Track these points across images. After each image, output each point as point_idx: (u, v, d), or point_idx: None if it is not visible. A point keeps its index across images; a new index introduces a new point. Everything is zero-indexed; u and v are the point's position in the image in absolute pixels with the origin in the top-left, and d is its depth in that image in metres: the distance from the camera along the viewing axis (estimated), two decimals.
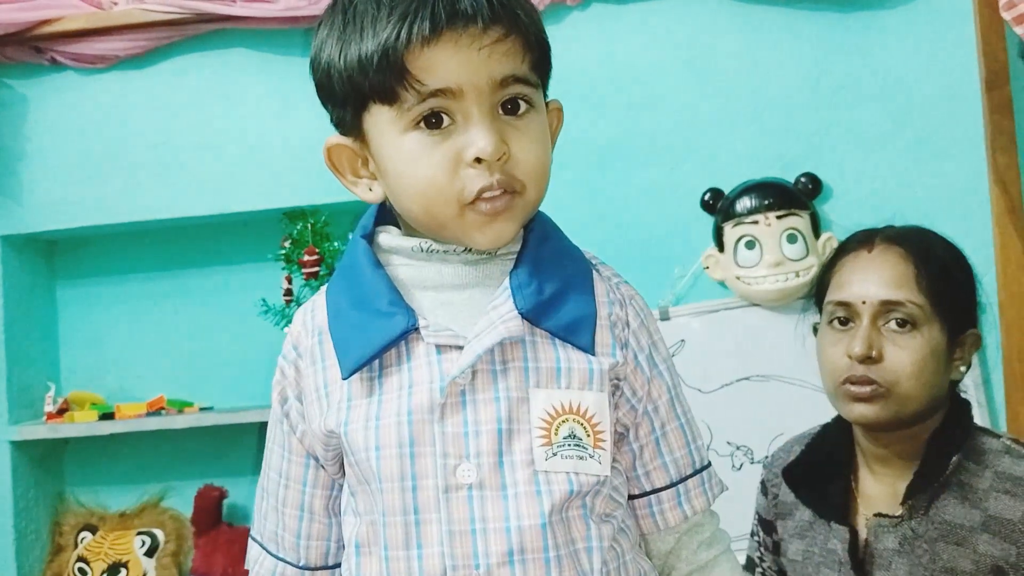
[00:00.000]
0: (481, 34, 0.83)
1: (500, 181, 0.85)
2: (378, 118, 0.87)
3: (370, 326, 0.89)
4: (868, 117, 1.99)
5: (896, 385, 1.25)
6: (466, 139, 0.85)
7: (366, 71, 0.84)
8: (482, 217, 0.86)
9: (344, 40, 0.86)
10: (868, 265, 1.30)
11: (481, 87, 0.84)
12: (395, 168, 0.87)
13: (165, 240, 2.32)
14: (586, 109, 2.08)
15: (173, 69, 2.20)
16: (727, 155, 2.03)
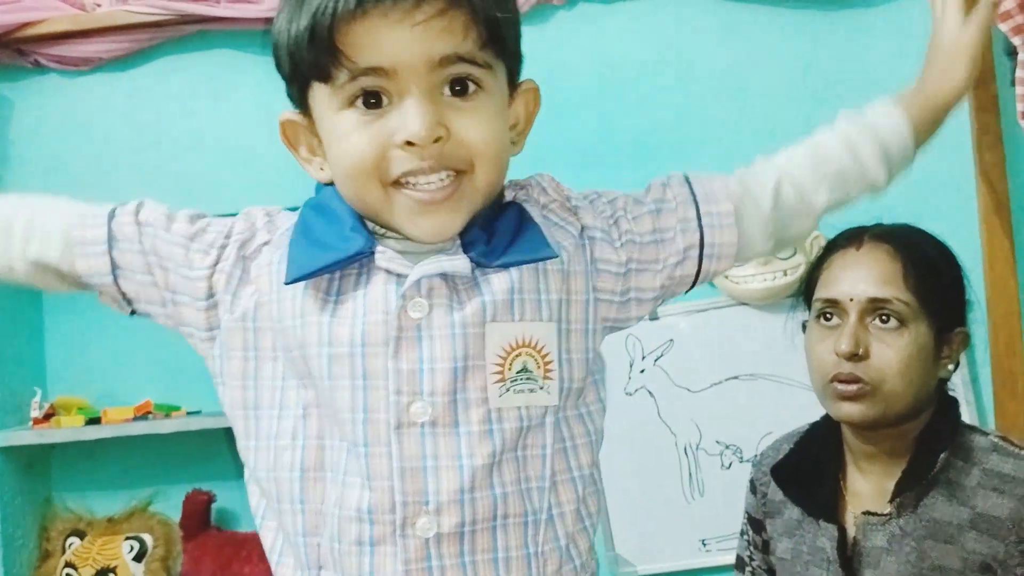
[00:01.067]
0: (413, 9, 0.80)
1: (435, 165, 0.83)
2: (319, 96, 0.86)
3: (328, 243, 0.87)
4: None
5: (883, 383, 1.25)
6: (398, 120, 0.82)
7: (301, 47, 0.83)
8: (413, 204, 0.85)
9: (289, 16, 0.84)
10: (856, 262, 1.30)
11: (415, 66, 0.81)
12: (330, 143, 0.87)
13: None
14: (573, 108, 2.08)
15: (157, 70, 2.19)
16: (713, 155, 2.03)
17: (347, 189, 0.87)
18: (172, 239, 0.95)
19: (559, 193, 0.99)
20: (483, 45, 0.84)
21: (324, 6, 0.79)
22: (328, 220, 0.89)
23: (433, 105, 0.82)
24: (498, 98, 0.88)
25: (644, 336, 2.03)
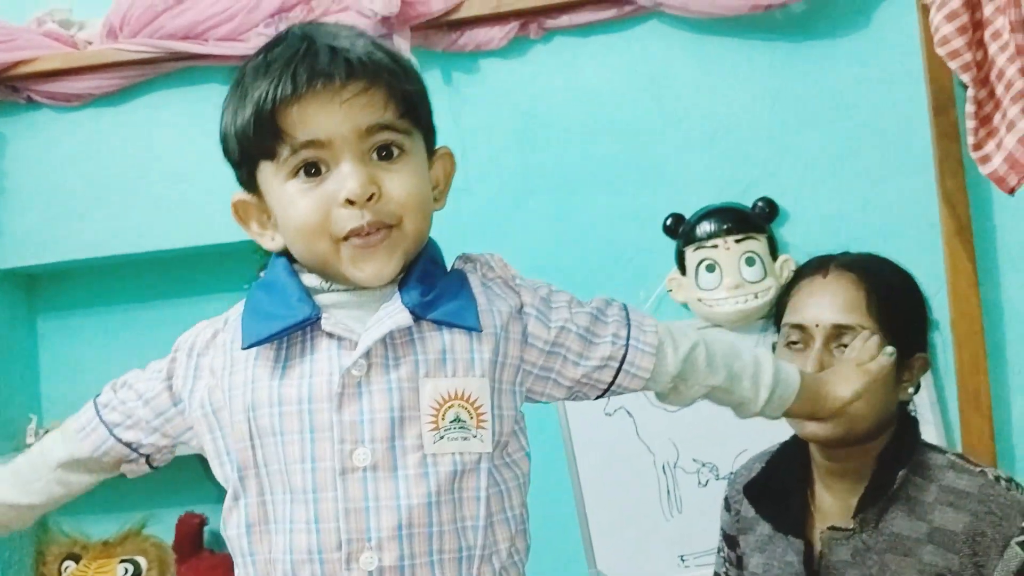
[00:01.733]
0: (341, 89, 0.93)
1: (372, 222, 0.95)
2: (266, 173, 0.98)
3: (277, 314, 0.99)
4: (821, 143, 2.06)
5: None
6: (337, 183, 0.94)
7: (248, 133, 0.96)
8: (358, 251, 0.96)
9: (235, 109, 0.98)
10: (822, 290, 1.36)
11: (347, 136, 0.94)
12: (281, 214, 0.99)
13: (142, 272, 2.37)
14: (551, 138, 2.14)
15: (147, 105, 2.25)
16: (687, 181, 2.10)
17: (299, 247, 0.99)
18: (143, 376, 1.12)
19: (504, 272, 1.10)
20: (401, 115, 0.97)
21: (264, 94, 0.93)
22: (275, 294, 1.01)
23: (365, 168, 0.95)
24: (419, 160, 1.00)
25: None
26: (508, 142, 2.16)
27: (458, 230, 2.15)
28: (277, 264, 1.04)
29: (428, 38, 2.13)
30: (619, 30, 2.12)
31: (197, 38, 2.14)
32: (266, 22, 2.10)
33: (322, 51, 0.94)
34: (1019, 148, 1.46)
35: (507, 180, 2.16)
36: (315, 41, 0.95)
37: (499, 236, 2.15)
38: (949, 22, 1.52)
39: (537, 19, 2.11)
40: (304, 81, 0.92)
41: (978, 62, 1.53)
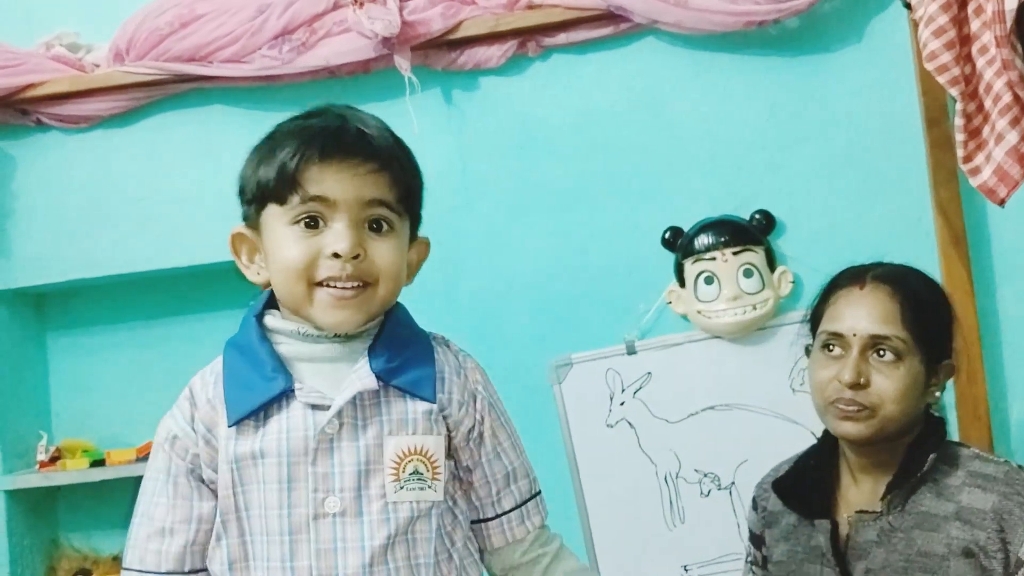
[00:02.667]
0: (357, 165, 1.10)
1: (351, 275, 1.09)
2: (272, 214, 1.12)
3: (255, 387, 1.13)
4: (817, 155, 2.09)
5: (881, 408, 1.39)
6: (331, 238, 1.09)
7: (269, 177, 1.11)
8: (330, 299, 1.10)
9: (261, 156, 1.14)
10: (859, 301, 1.44)
11: (350, 201, 1.09)
12: (273, 251, 1.12)
13: (150, 290, 2.40)
14: (549, 154, 2.18)
15: (154, 126, 2.29)
16: (685, 195, 2.13)
17: (281, 285, 1.13)
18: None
19: (472, 375, 1.25)
20: (399, 199, 1.13)
21: (294, 151, 1.09)
22: (251, 363, 1.15)
23: (358, 232, 1.10)
24: (403, 239, 1.16)
25: (623, 370, 2.11)
26: (507, 158, 2.19)
27: (457, 245, 2.19)
28: (249, 327, 1.18)
29: (428, 57, 2.17)
30: (616, 47, 2.16)
31: (202, 60, 2.18)
32: (269, 44, 2.14)
33: (352, 131, 1.11)
34: (1007, 160, 1.49)
35: (506, 195, 2.19)
36: (347, 121, 1.12)
37: (498, 251, 2.18)
38: (937, 38, 1.55)
39: (535, 37, 2.15)
40: (331, 150, 1.08)
41: (966, 76, 1.56)
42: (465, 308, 2.19)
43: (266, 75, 2.17)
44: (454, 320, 2.18)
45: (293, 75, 2.18)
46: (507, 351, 2.17)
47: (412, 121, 2.15)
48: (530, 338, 2.16)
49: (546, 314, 2.16)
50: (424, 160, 2.17)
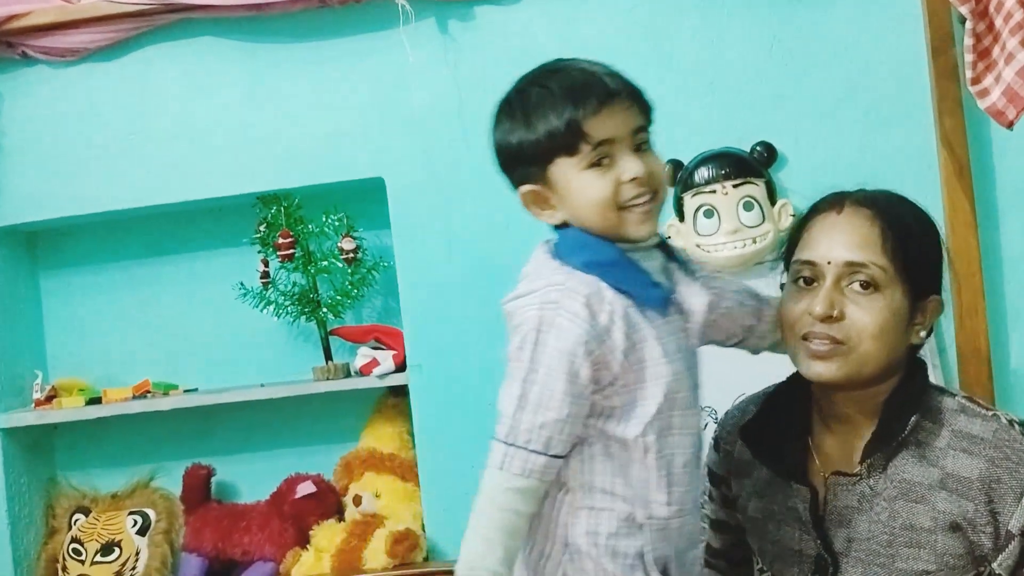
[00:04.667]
0: (622, 104, 1.25)
1: (644, 191, 1.24)
2: (562, 166, 1.24)
3: (648, 293, 1.26)
4: (820, 86, 2.05)
5: (857, 344, 1.26)
6: (622, 168, 1.24)
7: (555, 136, 1.23)
8: (637, 216, 1.24)
9: (528, 123, 1.25)
10: (836, 226, 1.31)
11: (625, 135, 1.25)
12: (579, 194, 1.24)
13: (143, 228, 2.37)
14: None
15: (143, 59, 2.24)
16: (685, 127, 2.09)
17: (594, 217, 1.25)
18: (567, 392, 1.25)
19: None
20: (647, 120, 1.29)
21: (575, 109, 1.22)
22: (632, 272, 1.26)
23: (638, 155, 1.26)
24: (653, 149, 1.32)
25: None
26: (503, 92, 2.14)
27: (455, 180, 2.16)
28: (607, 247, 1.26)
29: None
30: None
31: None
32: None
33: (606, 79, 1.26)
34: (1018, 81, 1.44)
35: None
36: (594, 74, 1.27)
37: (496, 188, 2.13)
38: None
39: None
40: (600, 101, 1.23)
41: None
42: (463, 243, 2.16)
43: (256, 3, 2.12)
44: (452, 255, 2.16)
45: (283, 3, 2.13)
46: (505, 287, 2.13)
47: (407, 52, 2.11)
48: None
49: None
50: (419, 92, 2.17)
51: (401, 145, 2.17)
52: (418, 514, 2.18)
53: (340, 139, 2.18)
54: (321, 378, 2.21)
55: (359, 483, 2.22)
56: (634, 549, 1.24)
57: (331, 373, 2.21)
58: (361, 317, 2.34)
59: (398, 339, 2.21)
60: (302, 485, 2.23)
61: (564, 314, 1.20)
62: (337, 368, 2.22)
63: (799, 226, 1.37)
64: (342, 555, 2.12)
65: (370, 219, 2.24)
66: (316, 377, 2.22)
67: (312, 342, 2.32)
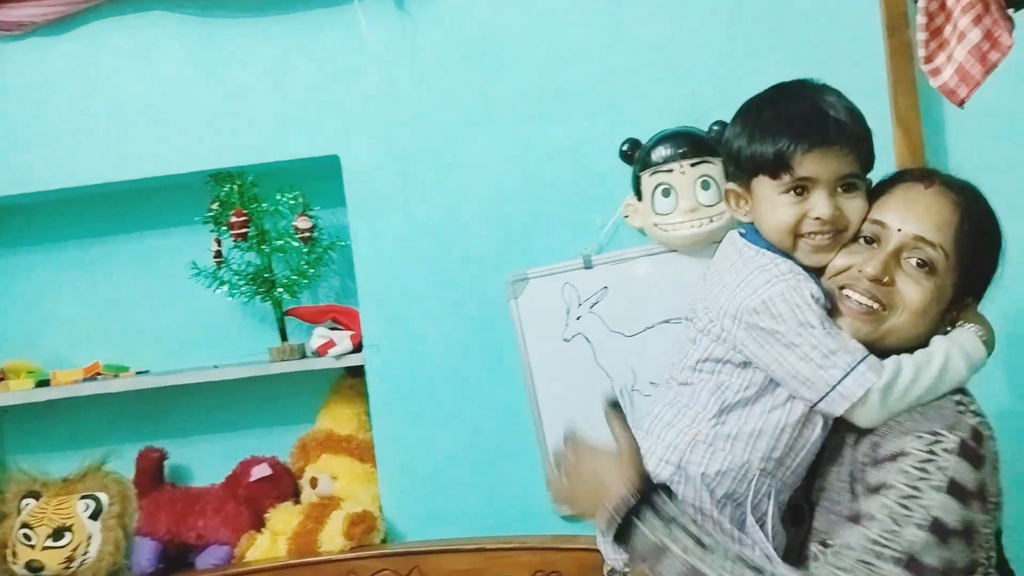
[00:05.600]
0: (836, 150, 1.35)
1: (829, 229, 1.36)
2: (763, 183, 1.39)
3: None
4: (777, 65, 2.04)
5: (897, 312, 1.31)
6: (813, 204, 1.36)
7: (764, 160, 1.37)
8: (810, 247, 1.38)
9: (752, 138, 1.39)
10: (921, 199, 1.34)
11: (829, 179, 1.36)
12: (768, 211, 1.39)
13: (94, 206, 2.32)
14: (506, 65, 2.12)
15: (92, 33, 2.18)
16: (643, 106, 2.09)
17: (773, 235, 1.40)
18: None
19: None
20: (862, 167, 1.39)
21: (788, 143, 1.35)
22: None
23: (833, 198, 1.37)
24: (864, 192, 1.39)
25: (580, 284, 2.09)
26: (462, 68, 2.13)
27: (412, 159, 2.14)
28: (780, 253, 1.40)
29: None
30: None
31: None
32: None
33: (828, 122, 1.36)
34: (969, 59, 1.46)
35: (463, 107, 2.13)
36: (826, 112, 1.37)
37: (455, 164, 2.14)
38: None
39: None
40: (815, 141, 1.34)
41: None
42: (421, 223, 2.14)
43: None
44: (410, 235, 2.15)
45: None
46: (463, 266, 2.14)
47: (361, 27, 2.08)
48: (486, 253, 2.13)
49: (503, 229, 2.13)
50: (374, 68, 2.15)
51: (357, 123, 2.14)
52: (376, 496, 2.16)
53: (295, 116, 2.15)
54: (276, 359, 2.19)
55: (316, 465, 2.20)
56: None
57: (286, 354, 2.19)
58: (317, 297, 2.31)
59: (355, 319, 2.19)
60: (257, 468, 2.20)
61: (800, 274, 1.36)
62: (293, 349, 2.19)
63: (881, 187, 1.40)
64: (298, 538, 2.10)
65: (326, 197, 2.21)
66: (271, 358, 2.20)
67: (267, 322, 2.29)
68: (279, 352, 2.19)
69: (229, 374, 2.19)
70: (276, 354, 2.19)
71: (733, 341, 1.37)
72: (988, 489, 1.23)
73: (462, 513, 2.14)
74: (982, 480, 1.22)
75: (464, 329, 2.14)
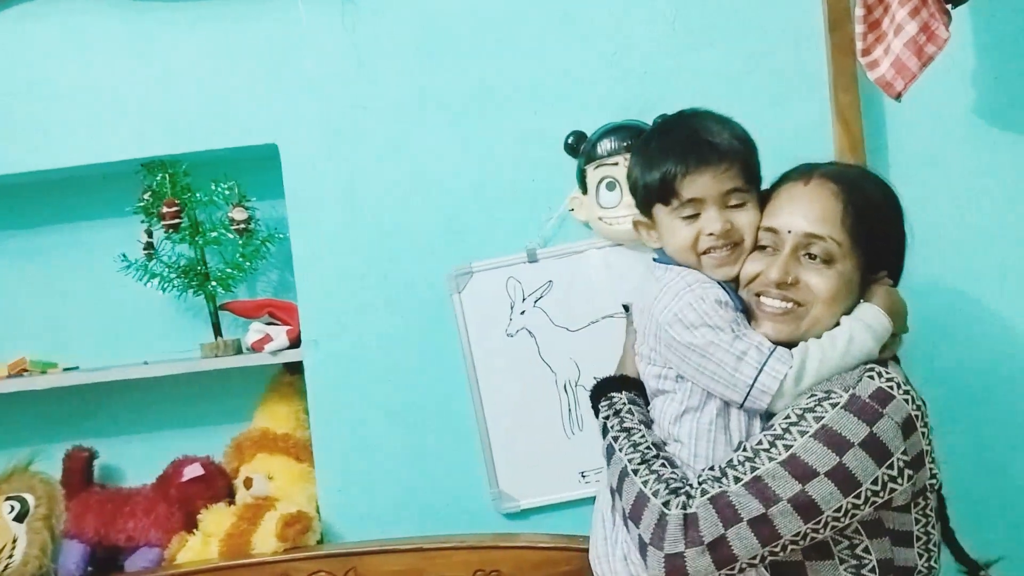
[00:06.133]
0: (714, 169, 1.46)
1: (724, 243, 1.47)
2: (660, 210, 1.53)
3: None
4: (720, 60, 2.05)
5: (811, 307, 1.40)
6: (705, 222, 1.48)
7: (654, 188, 1.51)
8: (713, 263, 1.49)
9: (643, 170, 1.53)
10: (801, 197, 1.43)
11: (715, 197, 1.47)
12: (669, 235, 1.52)
13: (18, 196, 2.23)
14: (449, 55, 2.09)
15: (19, 16, 2.10)
16: (589, 99, 2.07)
17: (678, 255, 1.52)
18: None
19: None
20: (746, 181, 1.49)
21: (671, 169, 1.48)
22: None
23: (723, 212, 1.48)
24: (755, 204, 1.51)
25: (524, 279, 2.07)
26: (405, 58, 2.09)
27: (353, 149, 2.09)
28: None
29: None
30: None
31: None
32: None
33: (703, 145, 1.47)
34: (906, 52, 1.48)
35: (406, 96, 2.09)
36: (702, 136, 1.49)
37: (397, 156, 2.10)
38: None
39: None
40: (694, 164, 1.46)
41: None
42: (362, 215, 2.10)
43: None
44: (351, 227, 2.10)
45: None
46: (406, 259, 2.10)
47: (300, 14, 2.03)
48: (429, 246, 2.09)
49: (446, 221, 2.09)
50: (315, 56, 2.10)
51: (296, 110, 2.09)
52: (313, 496, 2.10)
53: (230, 103, 2.09)
54: (210, 355, 2.12)
55: (250, 465, 2.14)
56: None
57: (220, 350, 2.12)
58: (254, 291, 2.25)
59: (293, 314, 2.13)
60: (189, 468, 2.13)
61: (706, 282, 1.46)
62: (227, 344, 2.13)
63: (768, 192, 1.50)
64: (230, 539, 2.04)
65: (264, 188, 2.15)
66: (204, 354, 2.13)
67: (201, 317, 2.22)
68: (213, 348, 2.13)
69: (161, 371, 2.12)
70: (210, 350, 2.13)
71: (663, 360, 1.49)
72: (886, 444, 1.30)
73: (402, 513, 2.10)
74: (874, 434, 1.29)
75: (405, 324, 2.10)
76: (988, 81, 2.02)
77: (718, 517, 1.28)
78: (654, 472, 1.37)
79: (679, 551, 1.28)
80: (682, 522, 1.29)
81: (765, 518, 1.27)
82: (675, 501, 1.31)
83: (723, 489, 1.30)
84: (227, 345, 2.13)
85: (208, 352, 2.13)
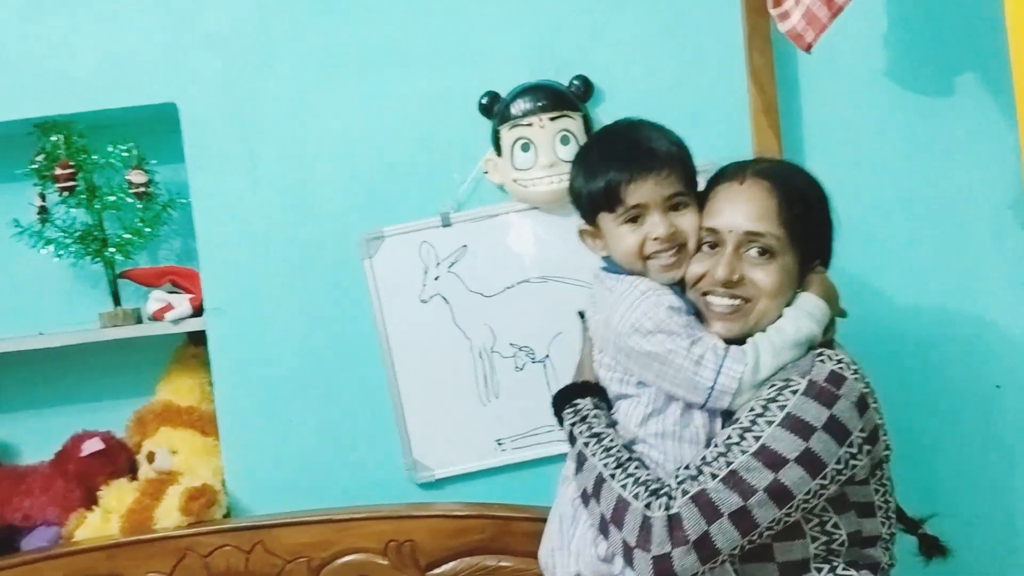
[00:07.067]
0: (658, 174, 1.49)
1: (670, 247, 1.49)
2: (605, 217, 1.54)
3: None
4: (637, 21, 2.03)
5: (757, 300, 1.45)
6: (650, 227, 1.50)
7: (597, 197, 1.52)
8: (659, 267, 1.51)
9: (586, 179, 1.55)
10: (738, 196, 1.48)
11: (658, 202, 1.49)
12: (615, 243, 1.53)
13: None
14: (358, 10, 2.03)
15: None
16: (503, 59, 2.03)
17: (625, 261, 1.52)
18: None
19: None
20: (685, 185, 1.52)
21: (614, 177, 1.49)
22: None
23: (667, 217, 1.50)
24: (695, 207, 1.53)
25: (438, 243, 2.02)
26: (311, 14, 2.02)
27: (257, 109, 2.02)
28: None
29: None
30: None
31: None
32: None
33: (643, 152, 1.51)
34: (816, 3, 1.46)
35: (312, 54, 2.03)
36: (641, 144, 1.52)
37: (304, 115, 2.03)
38: None
39: None
40: (635, 171, 1.49)
41: None
42: (267, 178, 2.03)
43: None
44: (255, 191, 2.03)
45: None
46: (314, 224, 2.04)
47: None
48: (338, 210, 2.03)
49: (356, 184, 2.03)
50: (216, 10, 2.01)
51: (196, 68, 2.01)
52: (219, 469, 2.04)
53: (128, 60, 2.01)
54: (108, 325, 2.04)
55: (153, 439, 2.06)
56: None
57: (120, 319, 2.04)
58: (155, 258, 2.17)
59: (195, 281, 2.06)
60: (88, 442, 2.05)
61: (658, 290, 1.48)
62: (127, 314, 2.05)
63: (705, 193, 1.55)
64: (132, 515, 1.97)
65: (164, 151, 2.07)
66: (103, 324, 2.05)
67: (99, 286, 2.13)
68: (112, 317, 2.04)
69: (56, 341, 2.04)
70: (108, 319, 2.04)
71: (624, 368, 1.50)
72: (845, 424, 1.36)
73: (314, 485, 2.04)
74: (834, 416, 1.35)
75: (314, 291, 2.04)
76: (902, 41, 2.03)
77: (700, 515, 1.32)
78: (631, 475, 1.39)
79: (666, 552, 1.32)
80: (667, 523, 1.32)
81: (744, 510, 1.31)
82: (656, 503, 1.34)
83: (702, 487, 1.33)
84: (127, 314, 2.05)
85: (107, 322, 2.04)
